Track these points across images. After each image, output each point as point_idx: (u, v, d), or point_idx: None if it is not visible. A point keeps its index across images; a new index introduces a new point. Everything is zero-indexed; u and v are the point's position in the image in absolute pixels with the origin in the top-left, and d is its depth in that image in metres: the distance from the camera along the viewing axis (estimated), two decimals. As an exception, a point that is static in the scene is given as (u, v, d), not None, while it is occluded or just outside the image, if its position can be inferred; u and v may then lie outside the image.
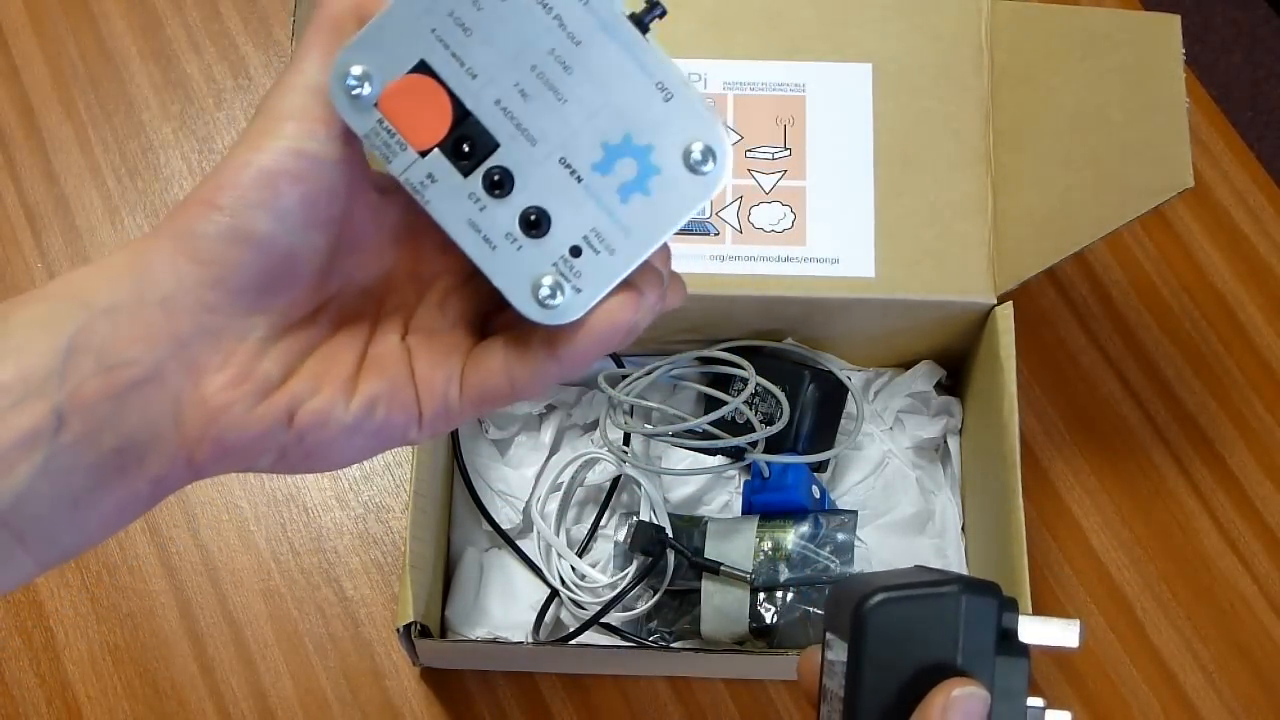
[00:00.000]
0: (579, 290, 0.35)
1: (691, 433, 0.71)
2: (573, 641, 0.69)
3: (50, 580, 0.74)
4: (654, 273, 0.37)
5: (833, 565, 0.66)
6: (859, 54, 0.71)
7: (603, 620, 0.69)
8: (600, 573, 0.72)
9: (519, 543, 0.73)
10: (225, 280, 0.35)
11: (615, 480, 0.74)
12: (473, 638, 0.71)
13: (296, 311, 0.38)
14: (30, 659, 0.73)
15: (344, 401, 0.37)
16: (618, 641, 0.70)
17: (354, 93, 0.34)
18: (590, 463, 0.74)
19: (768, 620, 0.66)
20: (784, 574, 0.66)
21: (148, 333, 0.35)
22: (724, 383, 0.73)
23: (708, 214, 0.69)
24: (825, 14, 0.71)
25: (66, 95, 0.86)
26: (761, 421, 0.71)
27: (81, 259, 0.82)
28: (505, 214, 0.34)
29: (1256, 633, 0.74)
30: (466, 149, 0.34)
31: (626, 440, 0.74)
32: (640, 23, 0.32)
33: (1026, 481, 0.65)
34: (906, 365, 0.77)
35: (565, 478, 0.74)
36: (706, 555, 0.68)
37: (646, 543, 0.69)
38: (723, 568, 0.67)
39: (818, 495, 0.70)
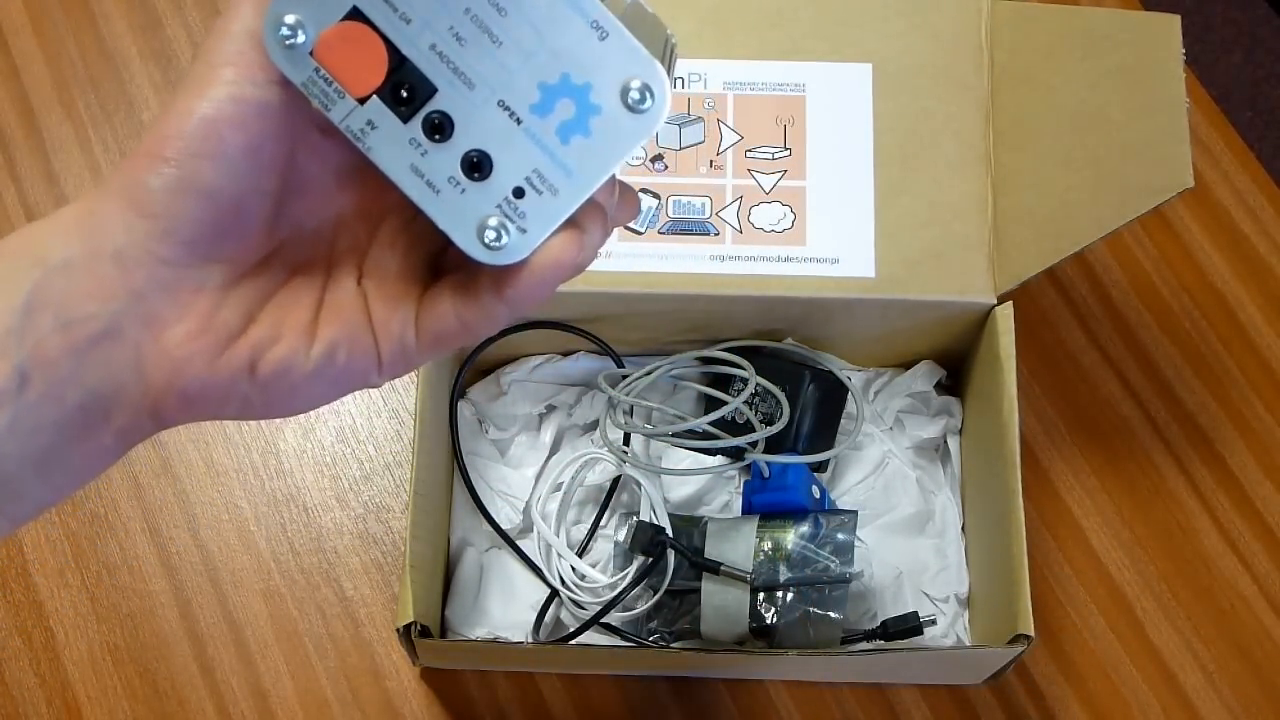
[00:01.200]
0: (524, 231, 0.35)
1: (691, 433, 0.71)
2: (573, 641, 0.69)
3: (50, 580, 0.74)
4: (598, 210, 0.37)
5: (833, 565, 0.66)
6: (859, 54, 0.71)
7: (603, 620, 0.69)
8: (600, 573, 0.72)
9: (519, 543, 0.73)
10: (175, 232, 0.35)
11: (615, 480, 0.74)
12: (473, 638, 0.71)
13: (250, 258, 0.37)
14: (30, 659, 0.73)
15: (305, 348, 0.37)
16: (618, 641, 0.70)
17: (288, 42, 0.34)
18: (590, 463, 0.74)
19: (768, 620, 0.66)
20: (784, 574, 0.66)
21: (103, 287, 0.35)
22: (724, 383, 0.73)
23: (708, 214, 0.69)
24: (825, 14, 0.71)
25: (66, 95, 0.86)
26: (761, 421, 0.71)
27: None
28: (447, 158, 0.35)
29: (1256, 633, 0.74)
30: (405, 95, 0.34)
31: (626, 440, 0.74)
32: None
33: (1026, 481, 0.65)
34: (906, 365, 0.77)
35: (565, 478, 0.74)
36: (706, 555, 0.68)
37: (646, 543, 0.69)
38: (723, 568, 0.67)
39: (818, 495, 0.70)
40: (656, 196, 0.69)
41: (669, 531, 0.70)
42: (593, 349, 0.75)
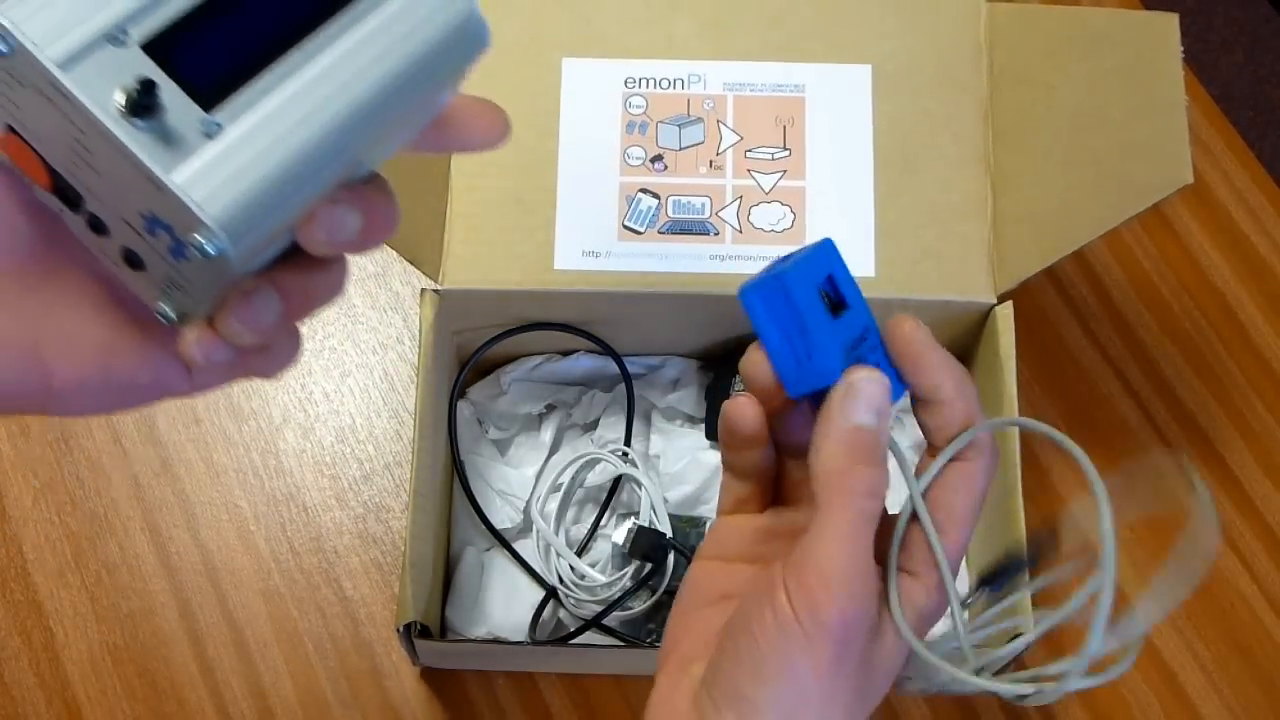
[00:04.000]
0: (187, 311, 0.37)
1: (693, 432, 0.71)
2: (572, 642, 0.69)
3: (50, 581, 0.74)
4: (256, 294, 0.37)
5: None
6: (858, 54, 0.71)
7: (601, 623, 0.69)
8: (599, 573, 0.72)
9: (520, 542, 0.73)
10: None
11: (615, 480, 0.74)
12: (473, 638, 0.71)
13: (37, 278, 0.38)
14: (30, 659, 0.73)
15: (100, 364, 0.38)
16: (617, 642, 0.70)
17: None
18: (591, 463, 0.74)
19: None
20: (784, 574, 0.66)
21: None
22: (724, 382, 0.73)
23: (708, 214, 0.69)
24: (825, 14, 0.71)
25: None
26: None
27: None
28: (112, 247, 0.36)
29: (1256, 633, 0.74)
30: (67, 195, 0.36)
31: (627, 440, 0.74)
32: (135, 108, 0.33)
33: (1026, 481, 0.65)
34: (906, 365, 0.77)
35: (565, 478, 0.74)
36: (706, 555, 0.68)
37: (648, 548, 0.69)
38: (722, 568, 0.67)
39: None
40: (656, 197, 0.69)
41: (669, 533, 0.70)
42: (593, 349, 0.75)
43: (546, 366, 0.76)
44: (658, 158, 0.70)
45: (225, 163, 0.33)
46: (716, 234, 0.69)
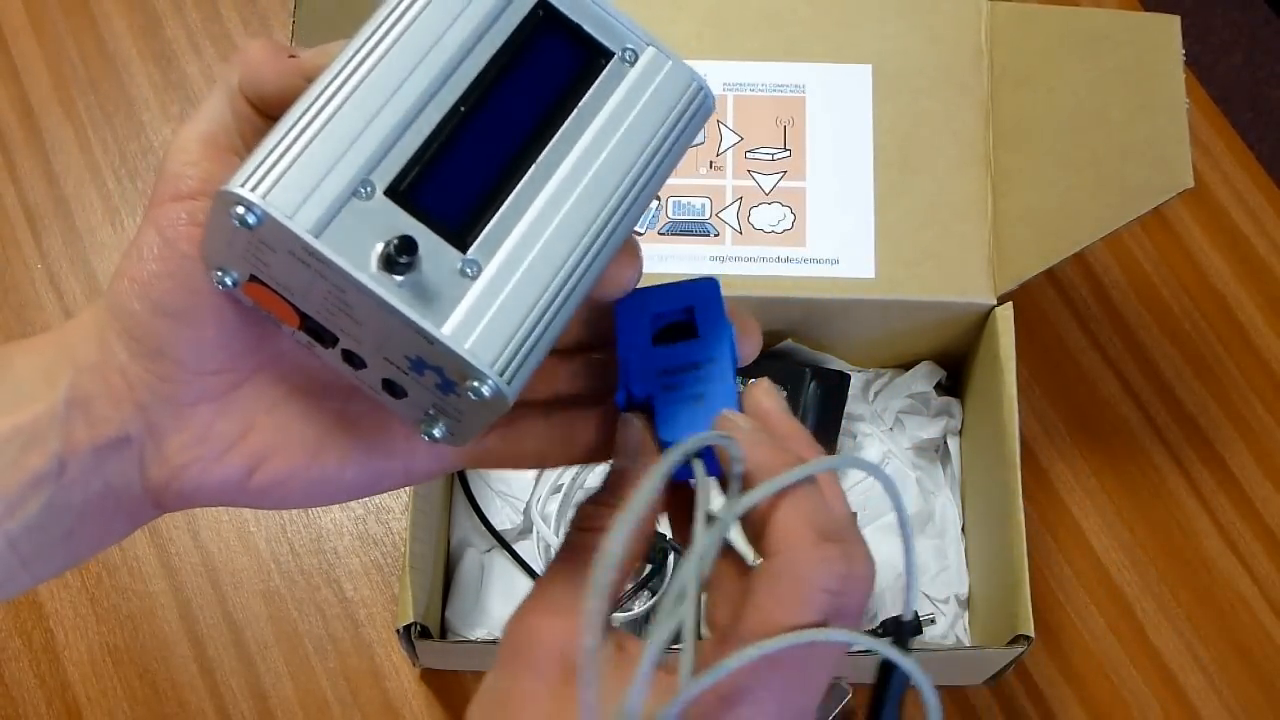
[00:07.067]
0: (460, 435, 0.36)
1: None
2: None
3: (50, 582, 0.74)
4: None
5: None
6: (859, 55, 0.71)
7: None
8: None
9: (520, 543, 0.73)
10: (164, 352, 0.36)
11: (615, 481, 0.74)
12: (473, 638, 0.71)
13: (247, 368, 0.38)
14: (30, 660, 0.73)
15: (305, 459, 0.38)
16: (618, 642, 0.70)
17: (222, 284, 0.35)
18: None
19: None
20: (784, 575, 0.66)
21: (116, 395, 0.37)
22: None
23: (708, 215, 0.69)
24: (825, 14, 0.71)
25: (66, 96, 0.86)
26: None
27: (81, 260, 0.82)
28: (371, 378, 0.36)
29: (1256, 633, 0.74)
30: (320, 335, 0.35)
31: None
32: (392, 264, 0.32)
33: (1026, 482, 0.65)
34: (906, 366, 0.77)
35: (565, 479, 0.74)
36: (706, 556, 0.68)
37: (649, 551, 0.69)
38: (723, 568, 0.67)
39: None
40: (657, 198, 0.69)
41: (669, 534, 0.70)
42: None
43: (547, 367, 0.76)
44: (658, 158, 0.70)
45: (490, 305, 0.33)
46: (716, 235, 0.69)
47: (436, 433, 0.36)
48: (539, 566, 0.72)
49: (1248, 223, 0.83)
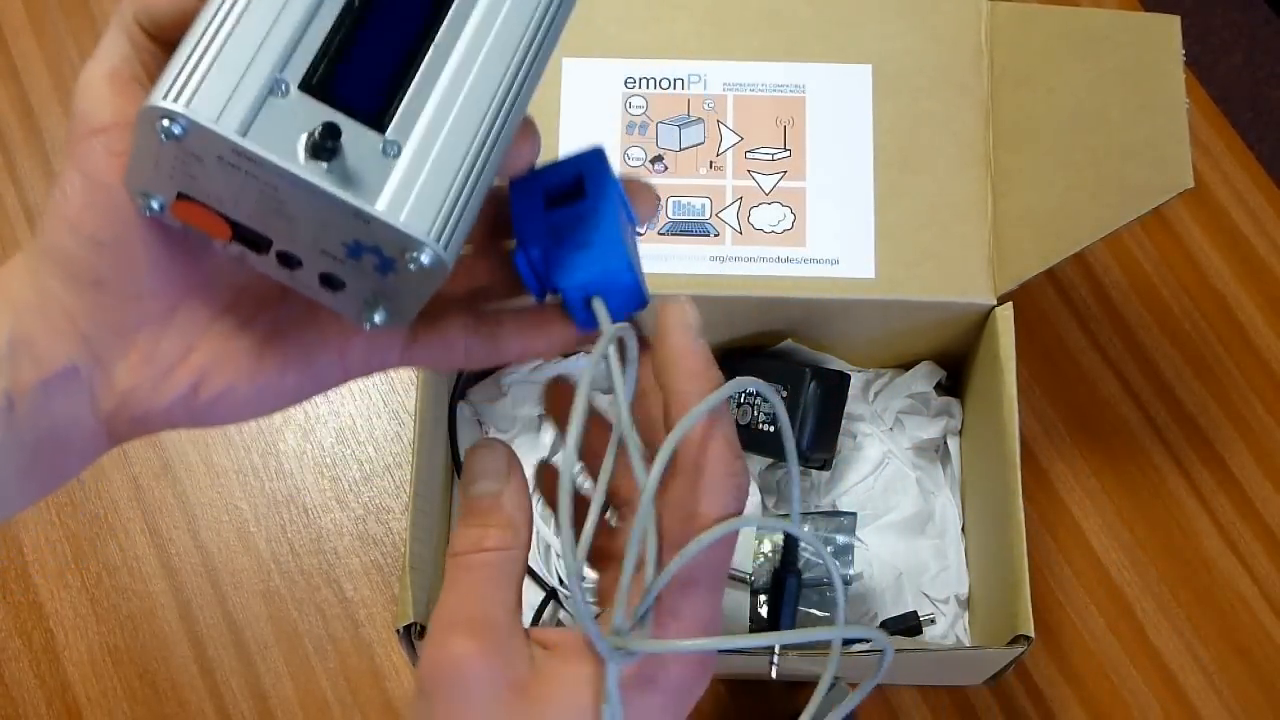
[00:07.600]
0: (400, 315, 0.38)
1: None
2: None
3: (50, 582, 0.74)
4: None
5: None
6: (859, 55, 0.71)
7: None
8: (600, 574, 0.72)
9: (519, 544, 0.73)
10: (104, 284, 0.38)
11: (615, 481, 0.74)
12: (473, 639, 0.71)
13: (181, 291, 0.39)
14: (30, 660, 0.73)
15: (247, 370, 0.40)
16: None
17: (149, 209, 0.36)
18: (590, 463, 0.74)
19: (767, 621, 0.66)
20: (784, 575, 0.66)
21: (59, 331, 0.38)
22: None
23: (708, 215, 0.69)
24: (825, 14, 0.71)
25: (66, 96, 0.86)
26: (764, 423, 0.71)
27: (81, 260, 0.82)
28: (307, 276, 0.37)
29: (1256, 633, 0.74)
30: (253, 241, 0.37)
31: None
32: (319, 151, 0.34)
33: (1026, 482, 0.65)
34: (906, 366, 0.77)
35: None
36: (706, 556, 0.68)
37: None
38: (723, 568, 0.67)
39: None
40: (656, 197, 0.69)
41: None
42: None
43: (546, 367, 0.76)
44: (658, 158, 0.70)
45: (415, 179, 0.35)
46: (716, 235, 0.69)
47: (378, 318, 0.37)
48: (538, 567, 0.72)
49: (1248, 223, 0.83)
